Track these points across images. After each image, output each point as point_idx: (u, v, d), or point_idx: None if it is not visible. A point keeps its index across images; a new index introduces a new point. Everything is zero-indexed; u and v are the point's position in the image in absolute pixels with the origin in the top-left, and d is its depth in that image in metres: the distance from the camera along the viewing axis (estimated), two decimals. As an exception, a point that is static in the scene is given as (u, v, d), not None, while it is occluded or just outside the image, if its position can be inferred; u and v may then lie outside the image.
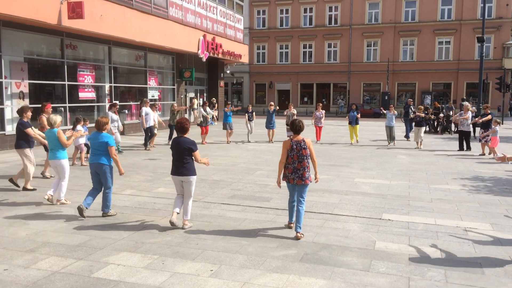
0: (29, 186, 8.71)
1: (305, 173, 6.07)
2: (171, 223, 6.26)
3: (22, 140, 8.78)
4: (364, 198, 8.38)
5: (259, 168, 11.48)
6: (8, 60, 14.33)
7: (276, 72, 45.60)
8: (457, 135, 16.75)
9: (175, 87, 24.63)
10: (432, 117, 23.04)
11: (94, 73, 18.24)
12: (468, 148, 15.45)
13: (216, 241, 5.82)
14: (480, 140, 14.92)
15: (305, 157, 6.08)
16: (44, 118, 9.61)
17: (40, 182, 9.33)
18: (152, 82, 22.51)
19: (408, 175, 10.83)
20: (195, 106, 25.92)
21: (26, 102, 15.05)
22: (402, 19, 41.61)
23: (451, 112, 22.62)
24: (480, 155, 14.46)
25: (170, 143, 6.43)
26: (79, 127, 11.20)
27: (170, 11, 21.31)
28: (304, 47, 44.81)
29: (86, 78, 17.78)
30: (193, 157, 6.31)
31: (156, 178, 10.01)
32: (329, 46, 44.04)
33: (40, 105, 10.59)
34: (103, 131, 6.84)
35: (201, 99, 27.83)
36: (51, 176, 9.89)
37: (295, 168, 6.08)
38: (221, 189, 8.99)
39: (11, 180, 8.83)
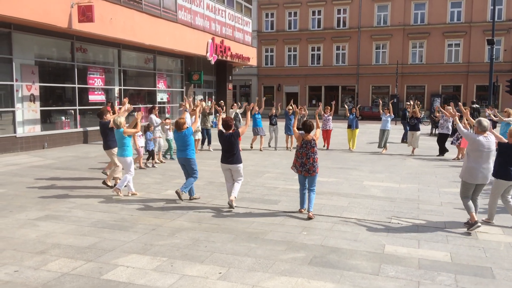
0: (109, 183, 9.09)
1: (311, 167, 7.09)
2: (229, 205, 7.53)
3: (110, 140, 9.06)
4: (373, 201, 8.34)
5: (268, 171, 11.47)
6: (19, 63, 14.48)
7: (284, 74, 45.58)
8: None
9: (183, 89, 24.71)
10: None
11: (103, 76, 18.35)
12: (445, 150, 14.69)
13: (224, 244, 5.83)
14: (452, 143, 14.37)
15: (312, 154, 7.11)
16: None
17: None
18: (161, 85, 22.61)
19: (417, 178, 10.76)
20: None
21: (37, 105, 15.21)
22: (411, 22, 41.40)
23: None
24: (453, 159, 13.94)
25: (218, 137, 7.71)
26: (149, 134, 11.84)
27: (179, 14, 21.40)
28: (313, 49, 44.75)
29: (96, 81, 17.91)
30: (239, 141, 7.70)
31: (165, 181, 10.05)
32: (338, 48, 43.94)
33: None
34: (183, 130, 7.97)
35: (208, 101, 27.84)
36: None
37: (302, 163, 7.14)
38: (230, 191, 8.99)
39: (104, 183, 9.13)
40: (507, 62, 38.84)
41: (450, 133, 14.90)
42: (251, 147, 16.09)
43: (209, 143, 15.66)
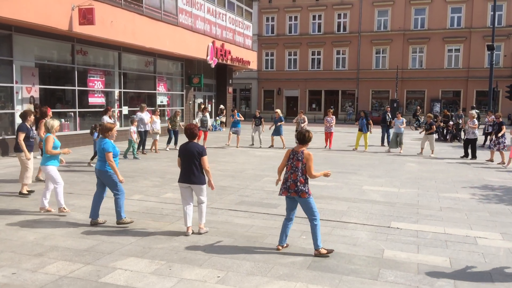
0: (24, 191, 8.56)
1: (292, 185, 5.57)
2: (189, 234, 6.28)
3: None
4: (372, 206, 8.32)
5: (267, 175, 11.46)
6: (19, 65, 14.49)
7: (284, 78, 45.66)
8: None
9: (183, 93, 24.74)
10: (442, 124, 22.91)
11: (104, 79, 18.37)
12: (474, 156, 15.26)
13: (223, 248, 5.81)
14: (490, 147, 14.79)
15: (297, 169, 5.56)
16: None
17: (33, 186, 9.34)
18: (161, 88, 22.63)
19: (417, 183, 10.75)
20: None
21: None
22: (411, 27, 41.53)
23: (460, 120, 22.47)
24: (487, 160, 14.49)
25: (178, 148, 6.41)
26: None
27: (179, 17, 21.45)
28: (313, 54, 44.86)
29: (96, 83, 17.92)
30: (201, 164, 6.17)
31: (164, 184, 10.03)
32: (338, 53, 44.05)
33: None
34: (106, 137, 6.63)
35: (208, 104, 27.88)
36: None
37: (285, 178, 5.72)
38: (229, 195, 8.99)
39: (20, 193, 8.67)
40: (507, 68, 38.93)
41: (476, 138, 15.60)
42: (227, 144, 17.76)
43: (175, 143, 16.42)
